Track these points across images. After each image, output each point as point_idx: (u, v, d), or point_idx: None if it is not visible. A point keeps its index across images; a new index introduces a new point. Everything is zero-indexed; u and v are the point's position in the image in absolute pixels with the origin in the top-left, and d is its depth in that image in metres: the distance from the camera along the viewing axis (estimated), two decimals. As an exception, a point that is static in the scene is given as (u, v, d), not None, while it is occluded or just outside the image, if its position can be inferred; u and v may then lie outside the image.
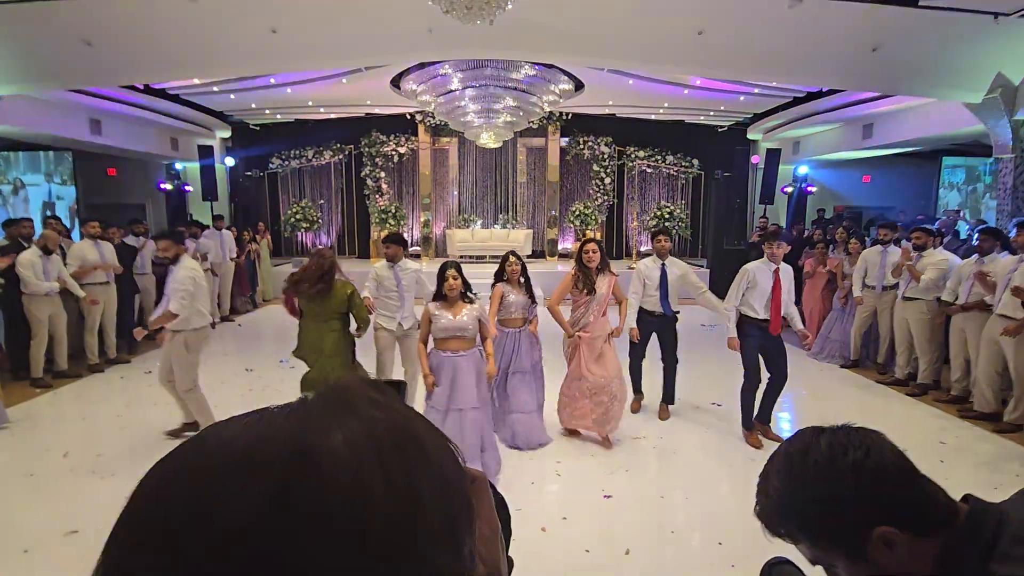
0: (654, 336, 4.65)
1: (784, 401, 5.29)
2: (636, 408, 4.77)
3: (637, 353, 4.71)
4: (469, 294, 3.52)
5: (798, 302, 4.64)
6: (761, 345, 4.10)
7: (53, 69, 6.62)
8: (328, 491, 0.30)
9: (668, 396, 4.69)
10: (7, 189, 11.19)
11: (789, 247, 4.15)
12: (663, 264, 4.59)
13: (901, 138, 8.99)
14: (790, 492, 0.75)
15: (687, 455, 4.05)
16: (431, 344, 3.51)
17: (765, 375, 4.18)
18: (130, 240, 6.79)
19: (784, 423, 4.83)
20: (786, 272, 4.12)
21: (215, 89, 9.44)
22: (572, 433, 4.19)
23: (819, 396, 5.36)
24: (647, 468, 3.93)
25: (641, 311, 4.54)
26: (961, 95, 6.69)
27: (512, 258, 4.04)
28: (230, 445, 0.32)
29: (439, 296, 3.47)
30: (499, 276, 4.08)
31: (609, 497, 3.37)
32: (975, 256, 4.82)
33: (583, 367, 4.01)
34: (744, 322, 4.11)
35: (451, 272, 3.45)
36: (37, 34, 6.04)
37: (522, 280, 4.06)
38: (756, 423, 4.21)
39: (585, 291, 3.96)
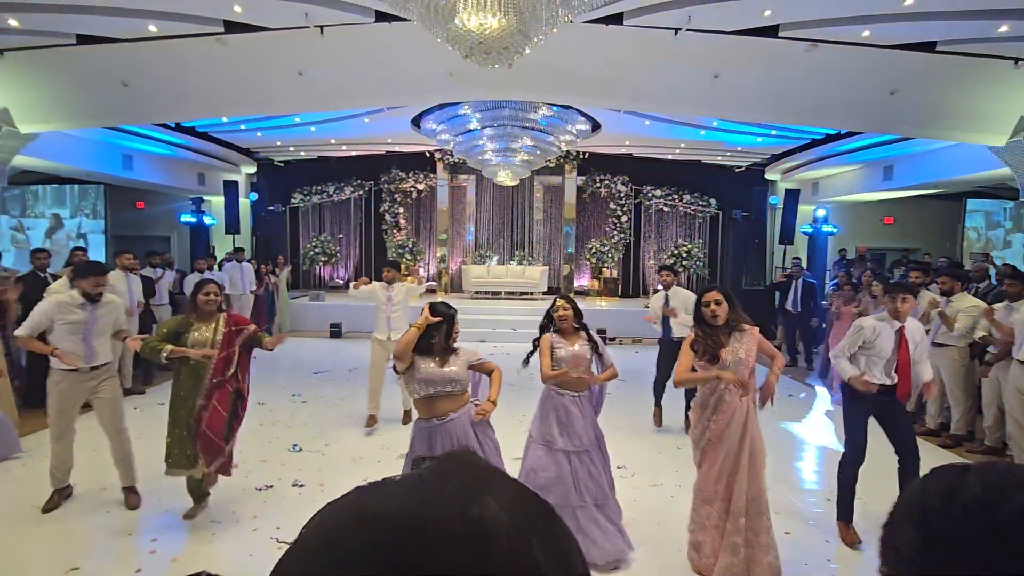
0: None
1: (806, 450, 5.10)
2: (658, 416, 5.44)
3: (662, 376, 5.39)
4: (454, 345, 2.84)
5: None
6: (877, 412, 3.30)
7: (91, 109, 6.94)
8: (505, 562, 0.33)
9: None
10: (44, 224, 11.60)
11: (915, 301, 3.49)
12: (666, 294, 5.44)
13: (923, 180, 8.90)
14: (932, 547, 0.52)
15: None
16: (414, 413, 2.94)
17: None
18: (147, 272, 6.92)
19: (808, 475, 4.62)
20: (914, 330, 3.32)
21: (242, 127, 9.79)
22: None
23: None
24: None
25: (663, 344, 5.47)
26: (984, 139, 6.62)
27: (560, 302, 3.18)
28: (403, 517, 0.35)
29: (424, 346, 2.72)
30: (544, 328, 3.21)
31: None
32: (1005, 302, 4.66)
33: (710, 479, 2.81)
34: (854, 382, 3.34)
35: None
36: (77, 76, 6.36)
37: (577, 326, 3.16)
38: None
39: (707, 358, 2.85)
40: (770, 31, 5.45)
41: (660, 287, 5.61)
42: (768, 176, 11.89)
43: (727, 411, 2.79)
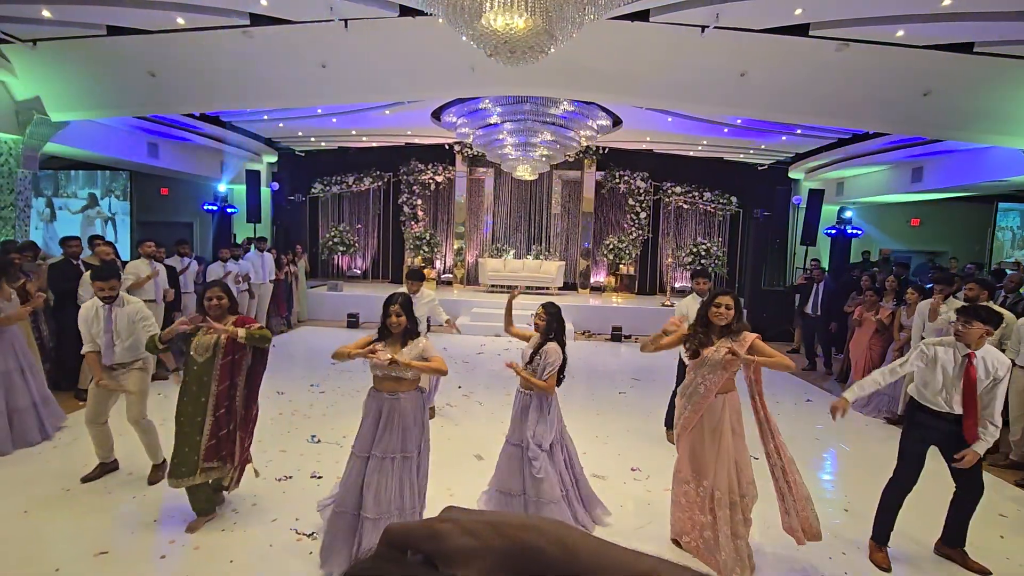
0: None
1: (823, 458, 5.04)
2: (673, 439, 4.89)
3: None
4: (417, 331, 3.10)
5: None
6: (938, 440, 3.09)
7: (120, 98, 7.06)
8: None
9: None
10: (75, 204, 11.89)
11: (987, 329, 2.98)
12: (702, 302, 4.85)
13: (953, 183, 8.68)
14: None
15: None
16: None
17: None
18: (173, 261, 7.01)
19: (825, 483, 4.58)
20: (990, 360, 2.96)
21: (264, 117, 9.87)
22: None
23: (864, 453, 5.07)
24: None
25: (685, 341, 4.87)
26: (1019, 142, 6.43)
27: (540, 311, 3.39)
28: None
29: (382, 333, 3.06)
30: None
31: None
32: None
33: (685, 462, 3.11)
34: (916, 407, 3.14)
35: (394, 308, 3.04)
36: (106, 66, 6.46)
37: (546, 337, 3.32)
38: (941, 545, 3.25)
39: (689, 353, 3.09)
40: (800, 30, 5.34)
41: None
42: (792, 175, 11.68)
43: (700, 403, 3.02)
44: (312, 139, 11.87)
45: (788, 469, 2.98)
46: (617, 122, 9.70)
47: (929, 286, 6.03)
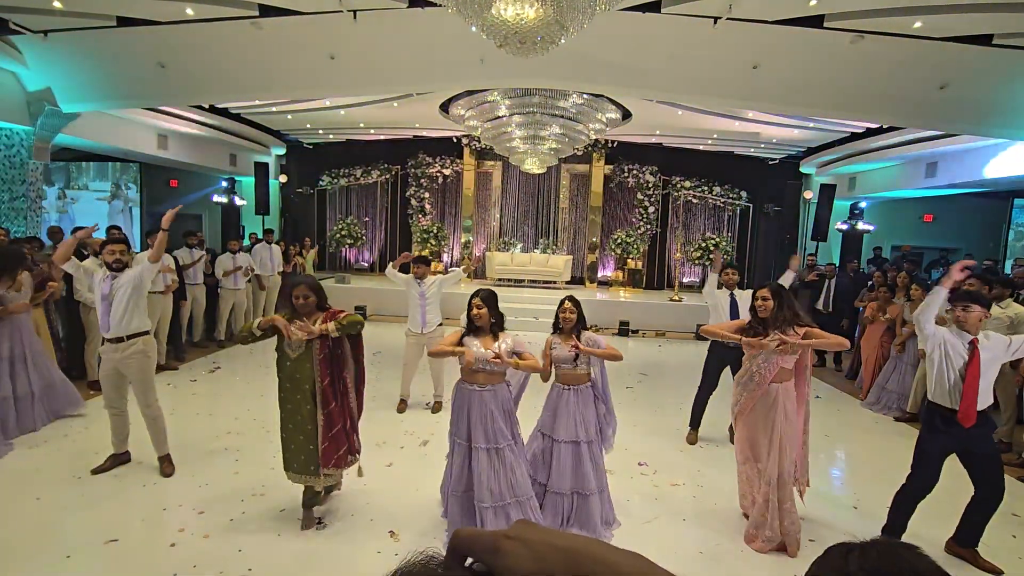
0: (727, 369, 4.66)
1: (832, 455, 5.00)
2: (692, 440, 4.82)
3: (707, 384, 4.79)
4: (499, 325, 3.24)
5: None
6: (958, 448, 3.04)
7: (129, 89, 7.07)
8: None
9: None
10: (86, 195, 11.98)
11: (985, 312, 3.04)
12: (731, 294, 4.79)
13: (968, 179, 8.54)
14: None
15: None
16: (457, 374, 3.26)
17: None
18: (183, 251, 7.03)
19: (833, 481, 4.55)
20: (993, 344, 3.00)
21: (273, 109, 9.88)
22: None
23: (872, 451, 5.03)
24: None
25: (713, 342, 4.68)
26: (1038, 137, 6.32)
27: (567, 304, 3.34)
28: None
29: (470, 326, 3.19)
30: (556, 326, 3.39)
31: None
32: None
33: (744, 444, 3.33)
34: (935, 411, 3.08)
35: (475, 301, 3.16)
36: (116, 57, 6.47)
37: (575, 332, 3.33)
38: (953, 544, 3.22)
39: (751, 333, 3.27)
40: (814, 21, 5.25)
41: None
42: (803, 170, 11.55)
43: (755, 391, 3.22)
44: (320, 131, 11.87)
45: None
46: (627, 115, 9.62)
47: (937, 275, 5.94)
